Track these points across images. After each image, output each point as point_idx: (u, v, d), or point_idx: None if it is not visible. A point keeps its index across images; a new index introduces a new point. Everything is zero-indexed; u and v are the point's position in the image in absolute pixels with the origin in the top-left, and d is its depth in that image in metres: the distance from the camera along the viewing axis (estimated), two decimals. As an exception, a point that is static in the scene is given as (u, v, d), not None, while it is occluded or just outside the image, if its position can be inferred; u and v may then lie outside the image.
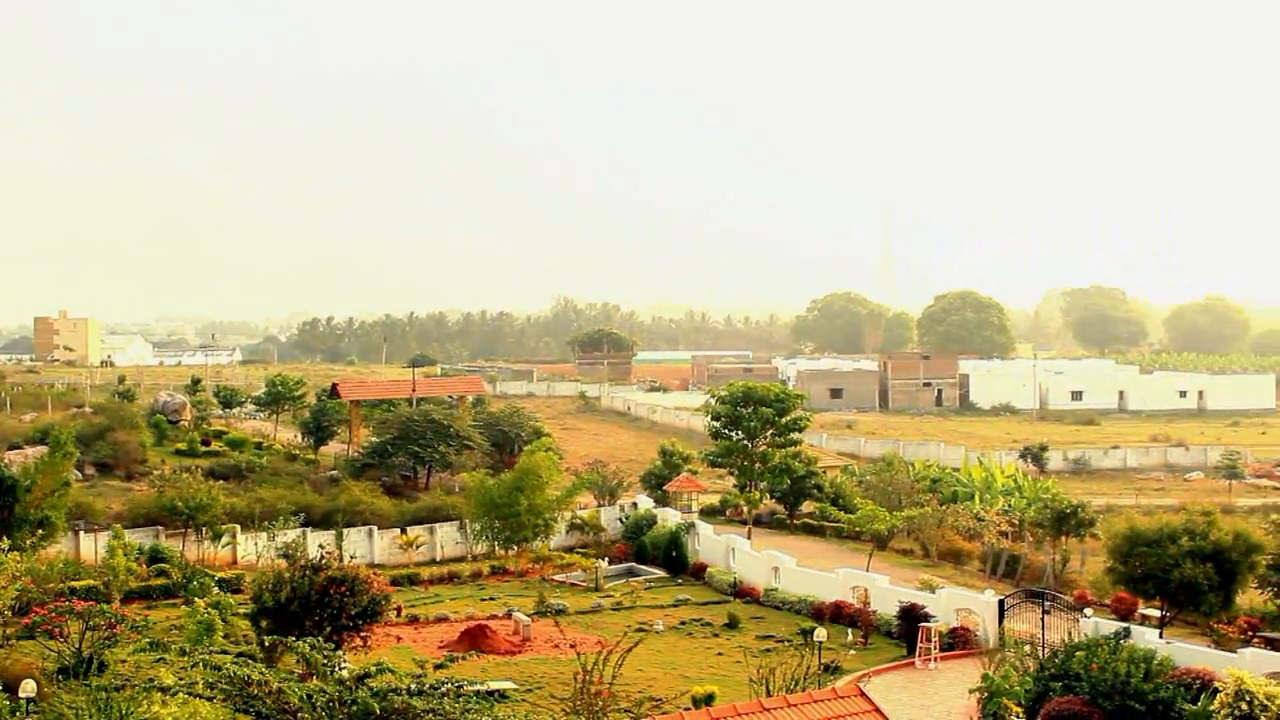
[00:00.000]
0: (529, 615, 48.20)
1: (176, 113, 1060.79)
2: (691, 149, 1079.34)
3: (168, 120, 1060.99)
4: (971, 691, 37.41)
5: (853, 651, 45.00)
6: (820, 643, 40.53)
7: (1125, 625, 43.33)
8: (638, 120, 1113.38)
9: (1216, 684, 32.91)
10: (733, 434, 70.25)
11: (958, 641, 45.17)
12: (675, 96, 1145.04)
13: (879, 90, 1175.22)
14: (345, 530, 61.71)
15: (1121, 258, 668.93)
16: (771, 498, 75.43)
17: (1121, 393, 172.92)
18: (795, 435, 71.15)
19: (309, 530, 61.00)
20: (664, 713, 34.43)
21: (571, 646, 41.92)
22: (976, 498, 79.87)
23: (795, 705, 21.00)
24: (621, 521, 68.98)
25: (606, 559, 62.09)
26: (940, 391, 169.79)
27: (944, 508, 70.03)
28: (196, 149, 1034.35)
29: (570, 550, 65.50)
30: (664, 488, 72.67)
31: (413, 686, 21.49)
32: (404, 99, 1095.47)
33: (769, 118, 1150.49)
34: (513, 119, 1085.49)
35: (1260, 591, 51.25)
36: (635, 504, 71.14)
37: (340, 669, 25.44)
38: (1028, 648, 41.57)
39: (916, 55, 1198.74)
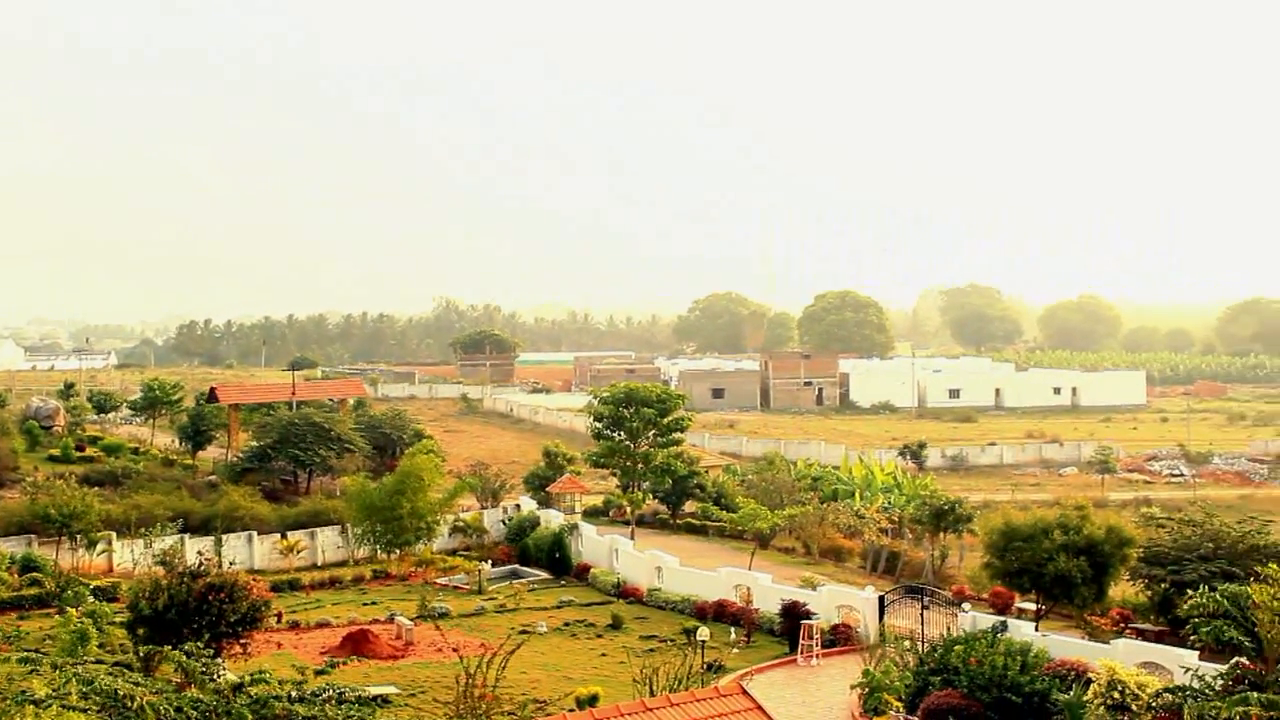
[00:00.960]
0: (412, 619, 47.93)
1: (37, 108, 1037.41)
2: (574, 150, 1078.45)
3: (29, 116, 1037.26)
4: (853, 687, 37.87)
5: (736, 650, 45.26)
6: (703, 642, 40.77)
7: (1002, 619, 44.00)
8: (519, 119, 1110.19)
9: (1090, 675, 33.62)
10: (615, 435, 70.34)
11: (839, 638, 45.63)
12: (558, 98, 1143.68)
13: (764, 91, 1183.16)
14: (224, 536, 60.96)
15: (997, 257, 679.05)
16: (654, 498, 75.73)
17: (998, 390, 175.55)
18: (677, 435, 71.43)
19: (187, 536, 60.17)
20: (547, 714, 34.43)
21: (454, 650, 41.72)
22: (857, 495, 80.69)
23: (678, 704, 21.11)
24: (504, 524, 68.80)
25: (490, 561, 61.89)
26: (821, 390, 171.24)
27: (825, 506, 70.67)
28: (59, 144, 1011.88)
29: (453, 553, 65.20)
30: (547, 489, 72.65)
31: (293, 694, 21.32)
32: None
33: (655, 121, 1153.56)
34: (394, 118, 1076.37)
35: (1132, 583, 52.30)
36: (518, 506, 71.02)
37: (219, 677, 25.12)
38: (908, 643, 42.10)
39: (798, 53, 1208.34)
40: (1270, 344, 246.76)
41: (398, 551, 61.92)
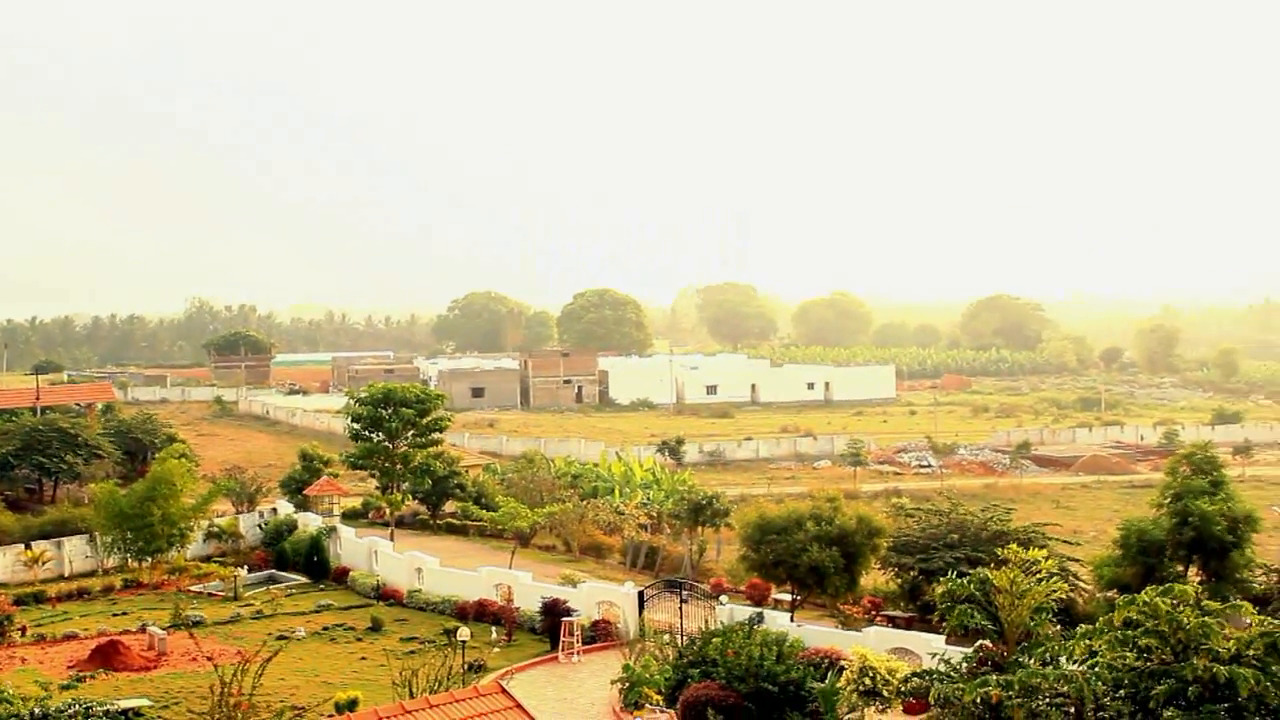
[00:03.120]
0: (165, 629, 46.66)
1: None
2: (331, 146, 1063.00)
3: None
4: (613, 682, 38.15)
5: (497, 649, 45.23)
6: (464, 642, 40.60)
7: (759, 610, 44.81)
8: (273, 113, 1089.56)
9: (843, 662, 34.46)
10: (374, 436, 69.63)
11: (600, 634, 45.93)
12: (309, 95, 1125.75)
13: (521, 89, 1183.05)
14: (-38, 549, 58.49)
15: (753, 255, 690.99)
16: (414, 499, 75.14)
17: (754, 386, 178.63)
18: (436, 435, 71.03)
19: (-78, 550, 57.59)
20: (306, 721, 33.95)
21: (209, 659, 40.75)
22: (616, 492, 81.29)
23: (437, 706, 21.02)
24: (261, 528, 67.47)
25: (246, 567, 60.56)
26: (580, 388, 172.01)
27: (585, 503, 71.03)
28: None
29: (208, 559, 63.64)
30: (304, 492, 71.43)
31: (35, 710, 20.61)
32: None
33: (415, 117, 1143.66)
34: (140, 112, 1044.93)
35: (883, 572, 53.90)
36: (275, 510, 69.73)
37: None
38: (667, 637, 42.61)
39: (563, 56, 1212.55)
40: (1011, 338, 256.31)
41: (149, 559, 60.17)
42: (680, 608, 44.86)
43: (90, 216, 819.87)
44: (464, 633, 41.48)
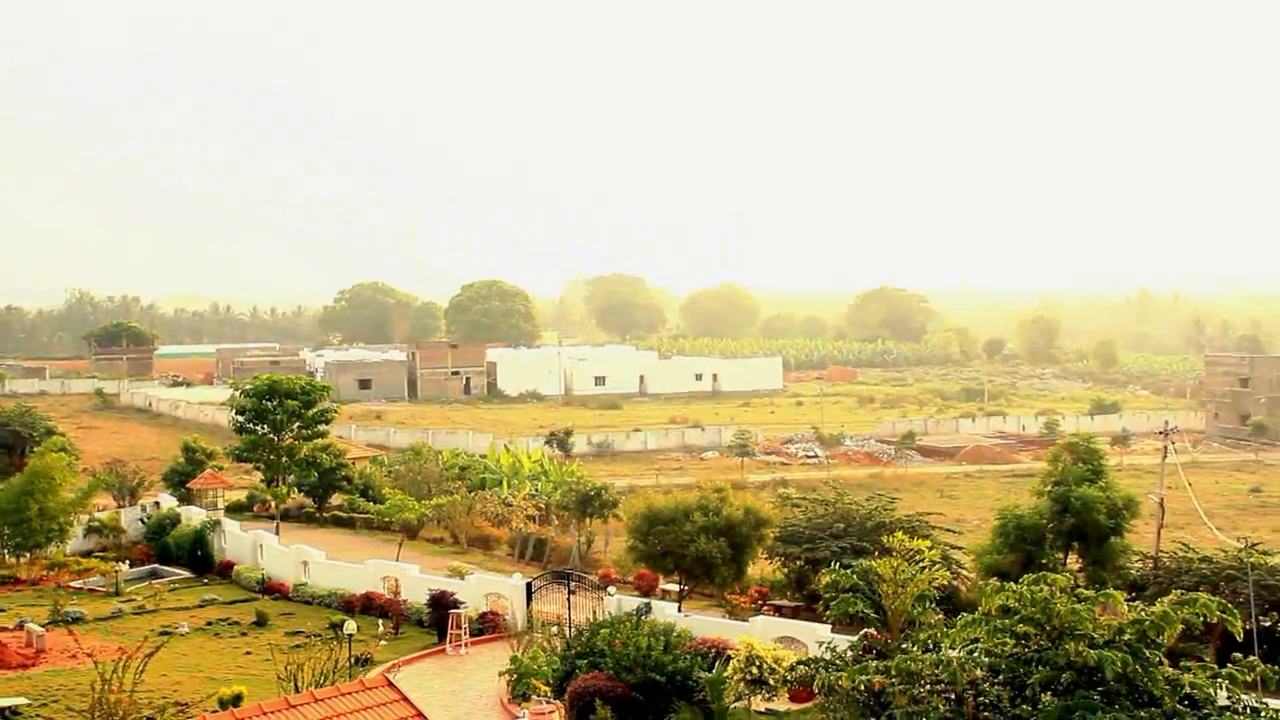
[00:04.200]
0: (43, 625, 45.84)
1: None
2: (218, 133, 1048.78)
3: None
4: (501, 674, 38.16)
5: (384, 642, 45.02)
6: (350, 635, 40.40)
7: (647, 601, 44.97)
8: (154, 99, 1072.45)
9: (730, 651, 34.71)
10: (259, 428, 68.96)
11: (488, 626, 45.86)
12: (194, 83, 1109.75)
13: (411, 82, 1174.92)
14: None
15: (641, 246, 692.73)
16: (300, 491, 74.47)
17: (642, 377, 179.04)
18: (322, 427, 70.54)
19: None
20: (189, 717, 33.59)
21: (89, 655, 40.13)
22: (505, 484, 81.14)
23: (322, 700, 20.90)
24: (143, 522, 66.48)
25: (127, 562, 59.71)
26: (468, 380, 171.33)
27: (473, 495, 70.88)
28: None
29: (88, 555, 62.53)
30: (188, 485, 70.45)
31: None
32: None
33: (300, 108, 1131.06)
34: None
35: (769, 562, 54.32)
36: (158, 503, 68.79)
37: None
38: (555, 628, 42.64)
39: (444, 50, 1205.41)
40: (897, 330, 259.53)
41: (27, 555, 59.11)
42: (568, 599, 44.96)
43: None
44: (350, 626, 41.25)
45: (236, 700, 32.73)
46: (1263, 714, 22.81)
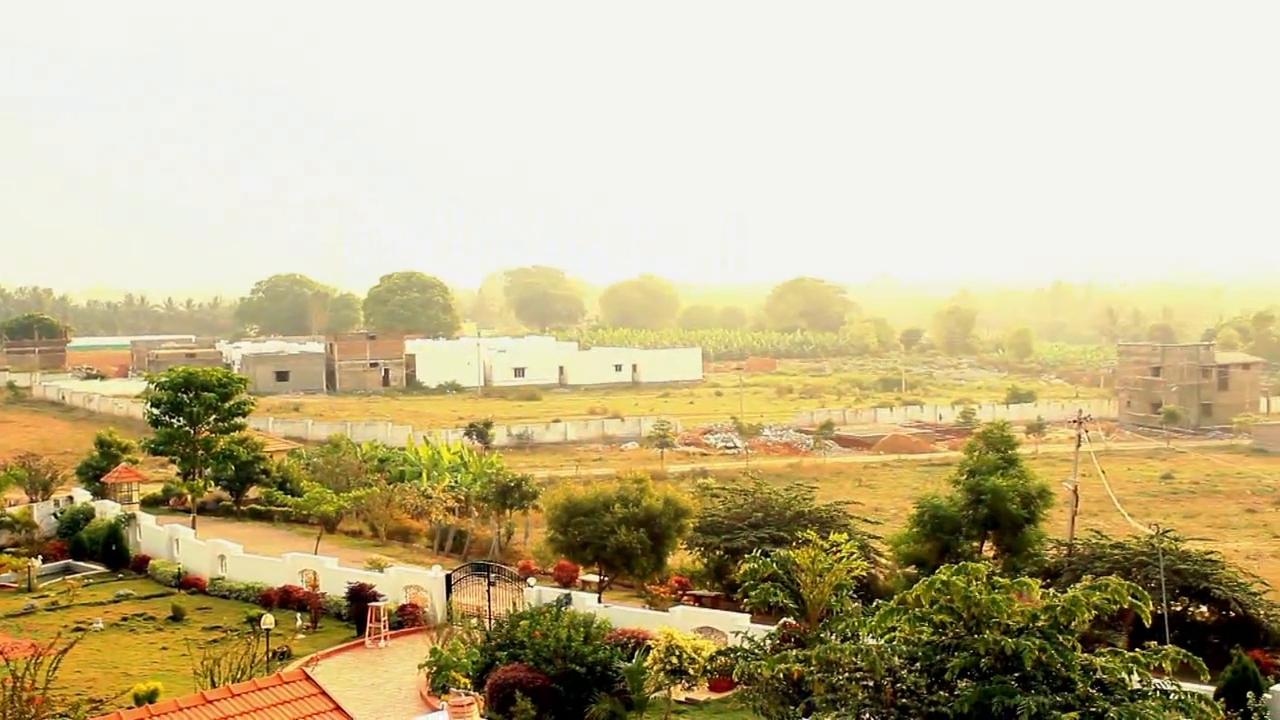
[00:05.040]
0: (-47, 622, 45.20)
1: None
2: (138, 125, 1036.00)
3: None
4: (420, 666, 38.04)
5: (302, 636, 44.75)
6: (268, 630, 40.10)
7: (567, 592, 44.98)
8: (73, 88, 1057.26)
9: (649, 641, 34.77)
10: (174, 421, 68.27)
11: (407, 619, 45.69)
12: (112, 72, 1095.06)
13: (332, 75, 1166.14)
14: None
15: (561, 237, 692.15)
16: (217, 485, 73.76)
17: (562, 368, 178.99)
18: (239, 420, 69.92)
19: None
20: (103, 714, 33.17)
21: (0, 653, 39.57)
22: (424, 476, 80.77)
23: (239, 694, 20.74)
24: (56, 517, 65.56)
25: (40, 557, 58.85)
26: (387, 371, 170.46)
27: (392, 487, 70.44)
28: None
29: (0, 550, 61.72)
30: (102, 479, 69.62)
31: None
32: None
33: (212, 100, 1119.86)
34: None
35: (689, 552, 54.51)
36: (71, 498, 67.90)
37: None
38: (475, 620, 42.58)
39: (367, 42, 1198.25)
40: (815, 320, 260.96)
41: (-65, 552, 58.23)
42: (488, 591, 44.88)
43: None
44: (268, 620, 40.95)
45: (152, 696, 32.43)
46: (1172, 696, 23.16)
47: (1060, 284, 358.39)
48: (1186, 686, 24.73)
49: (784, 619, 32.94)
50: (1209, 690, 28.55)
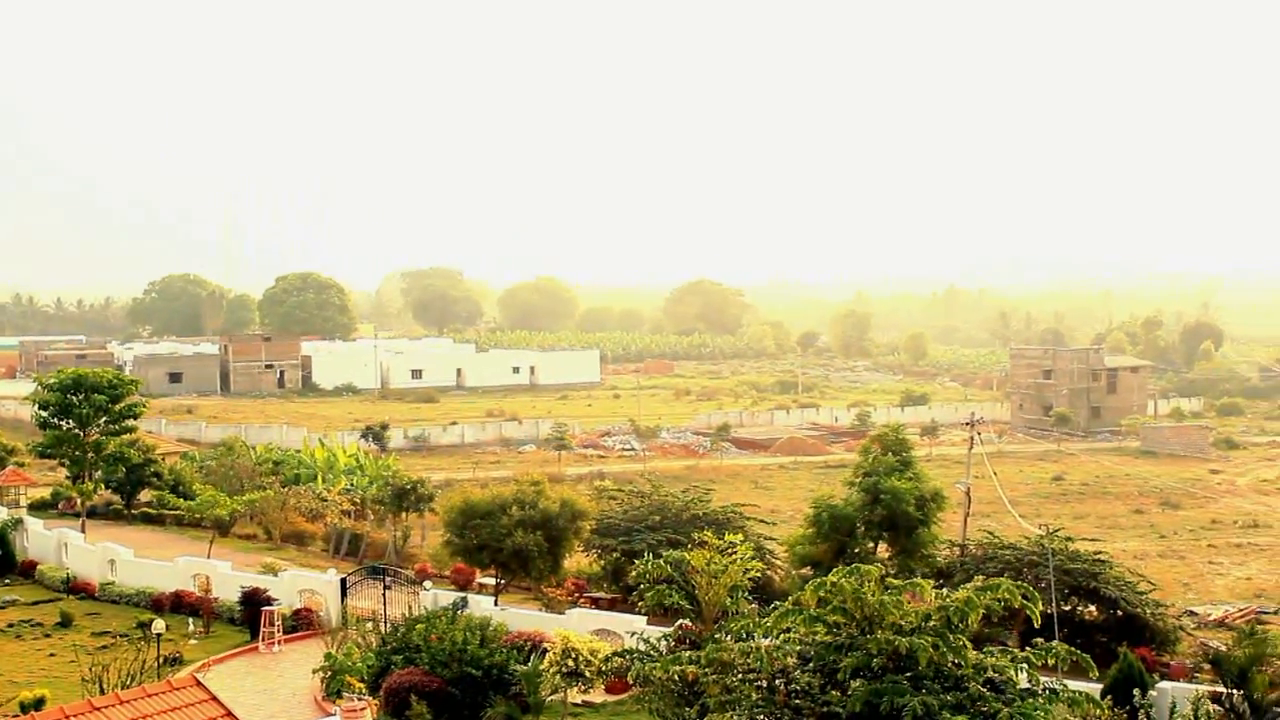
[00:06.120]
0: None
1: None
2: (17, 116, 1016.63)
3: None
4: (315, 671, 37.76)
5: (194, 641, 44.25)
6: (159, 635, 39.59)
7: (463, 595, 44.90)
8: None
9: (546, 644, 34.81)
10: (63, 423, 67.10)
11: (302, 623, 45.35)
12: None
13: (217, 72, 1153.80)
14: None
15: (459, 239, 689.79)
16: (107, 488, 72.60)
17: (459, 370, 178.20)
18: (131, 422, 68.87)
19: None
20: (-11, 722, 32.65)
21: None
22: (319, 479, 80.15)
23: (128, 701, 20.45)
24: (-61, 522, 64.24)
25: (-78, 564, 57.65)
26: (283, 373, 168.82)
27: (286, 490, 69.95)
28: None
29: (-120, 557, 60.31)
30: (-12, 484, 68.32)
31: None
32: None
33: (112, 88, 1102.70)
34: None
35: (586, 554, 54.62)
36: (-45, 502, 66.52)
37: None
38: (370, 624, 42.35)
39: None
40: (713, 323, 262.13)
41: None
42: (384, 594, 44.67)
43: None
44: (159, 625, 40.41)
45: (38, 704, 31.91)
46: (1061, 695, 23.55)
47: (954, 288, 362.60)
48: (1075, 685, 25.19)
49: (680, 621, 33.09)
50: (1097, 688, 29.10)
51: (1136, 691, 30.86)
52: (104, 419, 66.97)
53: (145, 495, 74.29)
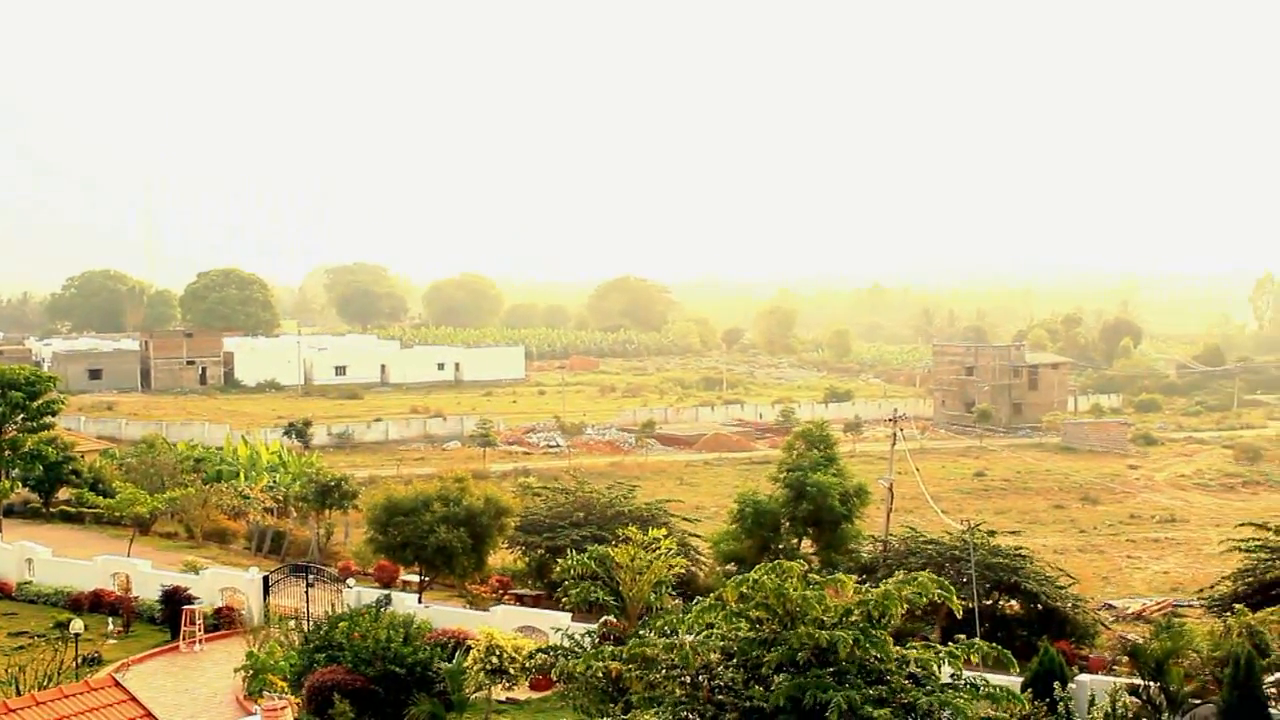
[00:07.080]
0: None
1: None
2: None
3: None
4: (237, 670, 37.47)
5: (113, 641, 43.75)
6: (77, 635, 39.11)
7: (387, 593, 44.68)
8: None
9: (470, 641, 34.76)
10: (-21, 421, 66.28)
11: (224, 622, 44.98)
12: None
13: (140, 66, 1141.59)
14: None
15: (384, 235, 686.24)
16: (24, 486, 71.70)
17: (384, 366, 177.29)
18: (49, 419, 68.14)
19: None
20: (-98, 724, 32.08)
21: None
22: (242, 476, 79.56)
23: (44, 703, 20.21)
24: None
25: None
26: (205, 370, 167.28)
27: (208, 488, 69.32)
28: None
29: None
30: (-99, 482, 67.32)
31: None
32: None
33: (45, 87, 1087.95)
34: None
35: (511, 551, 54.54)
36: None
37: None
38: (293, 622, 42.04)
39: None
40: (638, 319, 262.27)
41: None
42: (306, 592, 44.36)
43: None
44: (77, 625, 39.91)
45: (-47, 705, 31.44)
46: (982, 689, 23.78)
47: (878, 286, 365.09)
48: (996, 679, 25.44)
49: (605, 617, 33.12)
50: (1017, 681, 29.37)
51: (1056, 684, 31.20)
52: (21, 416, 66.28)
53: (64, 493, 73.36)
